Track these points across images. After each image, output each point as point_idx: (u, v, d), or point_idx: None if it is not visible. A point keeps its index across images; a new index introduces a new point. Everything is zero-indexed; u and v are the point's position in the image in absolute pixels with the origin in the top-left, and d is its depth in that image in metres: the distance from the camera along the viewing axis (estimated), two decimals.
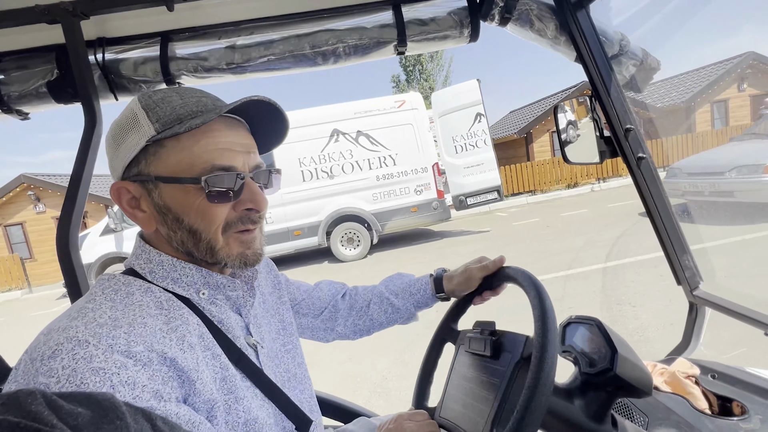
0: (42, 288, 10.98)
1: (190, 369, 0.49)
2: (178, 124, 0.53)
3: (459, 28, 1.00)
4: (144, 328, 0.48)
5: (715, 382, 0.81)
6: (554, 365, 0.54)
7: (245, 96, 0.55)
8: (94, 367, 0.41)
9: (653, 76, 0.99)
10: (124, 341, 0.45)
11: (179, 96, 0.55)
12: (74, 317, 0.46)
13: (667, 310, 3.11)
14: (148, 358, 0.46)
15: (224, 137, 0.55)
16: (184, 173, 0.53)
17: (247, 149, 0.58)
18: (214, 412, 0.51)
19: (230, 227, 0.57)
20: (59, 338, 0.43)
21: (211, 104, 0.56)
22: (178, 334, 0.51)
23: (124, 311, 0.49)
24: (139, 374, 0.44)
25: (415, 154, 7.27)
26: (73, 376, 0.40)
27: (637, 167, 0.95)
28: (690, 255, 0.99)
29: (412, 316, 0.90)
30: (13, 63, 0.95)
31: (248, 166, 0.57)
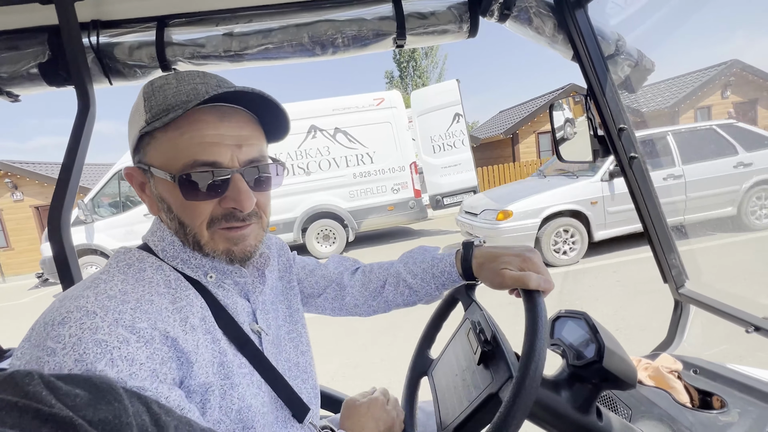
0: (17, 278, 10.83)
1: (190, 351, 0.50)
2: (165, 115, 0.52)
3: (458, 23, 1.00)
4: (150, 306, 0.49)
5: (696, 377, 0.84)
6: (527, 409, 0.50)
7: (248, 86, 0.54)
8: (97, 339, 0.42)
9: (647, 77, 1.01)
10: (130, 317, 0.46)
11: (177, 83, 0.54)
12: (88, 287, 0.48)
13: (616, 316, 3.15)
14: (150, 336, 0.47)
15: (212, 129, 0.53)
16: (169, 167, 0.53)
17: (238, 142, 0.55)
18: (209, 395, 0.52)
19: (215, 223, 0.56)
20: (70, 306, 0.44)
21: (204, 91, 0.54)
22: (182, 315, 0.52)
23: (134, 286, 0.51)
24: (139, 351, 0.45)
25: (393, 152, 7.27)
26: (78, 345, 0.41)
27: (629, 166, 0.96)
28: (677, 254, 1.01)
29: (434, 297, 0.79)
30: (2, 43, 0.93)
31: (238, 160, 0.55)
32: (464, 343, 0.71)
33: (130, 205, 7.15)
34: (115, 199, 7.26)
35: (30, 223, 11.76)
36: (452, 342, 0.76)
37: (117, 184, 7.04)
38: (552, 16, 0.96)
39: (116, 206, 7.22)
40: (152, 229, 0.60)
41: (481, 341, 0.64)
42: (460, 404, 0.63)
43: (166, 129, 0.52)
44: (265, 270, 0.68)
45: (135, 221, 6.86)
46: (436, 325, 0.82)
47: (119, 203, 7.19)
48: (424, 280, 0.77)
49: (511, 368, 0.58)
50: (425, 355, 0.82)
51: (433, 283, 0.76)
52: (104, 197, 7.27)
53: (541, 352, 0.52)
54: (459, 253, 0.74)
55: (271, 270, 0.74)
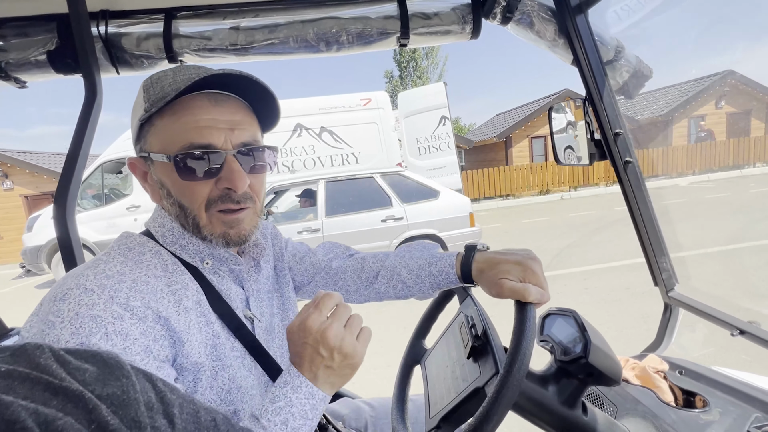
0: (4, 267, 10.76)
1: (181, 330, 0.52)
2: (161, 102, 0.54)
3: (461, 24, 1.02)
4: (146, 286, 0.51)
5: (681, 377, 0.86)
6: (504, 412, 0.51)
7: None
8: (93, 314, 0.45)
9: (645, 83, 1.03)
10: (125, 295, 0.49)
11: (173, 74, 0.57)
12: (89, 267, 0.51)
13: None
14: (143, 314, 0.49)
15: (206, 114, 0.55)
16: (166, 150, 0.56)
17: (231, 126, 0.57)
18: (200, 375, 0.54)
19: (212, 205, 0.58)
20: (71, 284, 0.47)
21: (199, 81, 0.55)
22: (176, 297, 0.54)
23: (132, 268, 0.53)
24: (133, 327, 0.47)
25: (378, 153, 7.21)
26: (75, 319, 0.44)
27: (623, 170, 0.99)
28: (668, 258, 1.04)
29: (427, 295, 0.78)
30: (12, 30, 0.94)
31: (231, 143, 0.57)
32: (456, 337, 0.73)
33: (113, 197, 7.08)
34: (99, 192, 7.20)
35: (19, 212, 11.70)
36: (446, 334, 0.78)
37: (100, 176, 6.96)
38: (553, 20, 0.98)
39: (99, 198, 7.14)
40: (154, 215, 0.63)
41: (472, 336, 0.66)
42: (449, 395, 0.65)
43: (162, 115, 0.55)
44: (261, 260, 0.69)
45: (118, 214, 6.76)
46: (431, 317, 0.84)
47: (102, 195, 7.12)
48: (419, 277, 0.75)
49: (498, 364, 0.59)
50: (419, 344, 0.84)
51: (428, 282, 0.74)
52: (88, 189, 7.19)
53: (526, 352, 0.53)
54: (460, 255, 0.72)
55: (266, 260, 0.75)
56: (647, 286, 3.57)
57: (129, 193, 7.02)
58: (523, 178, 13.19)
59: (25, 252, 6.97)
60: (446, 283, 0.73)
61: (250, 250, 0.68)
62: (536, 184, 13.22)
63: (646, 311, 3.30)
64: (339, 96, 7.24)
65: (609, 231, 6.70)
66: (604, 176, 13.52)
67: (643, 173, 1.00)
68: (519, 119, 14.74)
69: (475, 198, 13.08)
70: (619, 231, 6.49)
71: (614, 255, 5.08)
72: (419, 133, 7.74)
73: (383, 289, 0.79)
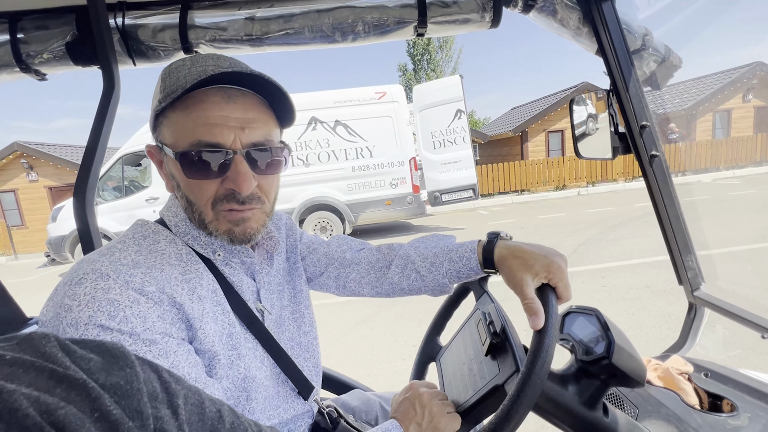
0: (30, 255, 11.17)
1: (194, 318, 0.53)
2: (174, 94, 0.53)
3: (481, 12, 0.99)
4: (160, 273, 0.52)
5: (707, 380, 0.83)
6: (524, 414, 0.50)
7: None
8: (110, 298, 0.46)
9: (674, 74, 0.98)
10: (140, 280, 0.49)
11: (191, 64, 0.56)
12: (104, 254, 0.51)
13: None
14: (159, 298, 0.50)
15: (218, 110, 0.54)
16: (175, 146, 0.55)
17: (242, 124, 0.55)
18: (214, 363, 0.55)
19: (218, 203, 0.57)
20: (87, 269, 0.48)
21: (212, 73, 0.54)
22: (190, 285, 0.54)
23: (147, 256, 0.53)
24: (150, 310, 0.48)
25: (393, 147, 7.21)
26: (92, 303, 0.45)
27: (649, 165, 0.95)
28: (694, 256, 0.99)
29: (443, 288, 0.74)
30: (32, 22, 0.95)
31: (241, 142, 0.55)
32: (473, 333, 0.72)
33: (132, 189, 7.28)
34: (119, 184, 7.39)
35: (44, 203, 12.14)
36: (462, 331, 0.77)
37: (121, 168, 7.15)
38: (578, 7, 0.94)
39: (119, 190, 7.35)
40: (168, 204, 0.63)
41: (490, 333, 0.64)
42: (466, 392, 0.63)
43: (175, 109, 0.54)
44: (274, 254, 0.69)
45: (137, 206, 6.98)
46: (446, 313, 0.83)
47: (122, 187, 7.32)
48: (434, 265, 0.72)
49: (518, 362, 0.58)
50: (434, 341, 0.83)
51: (444, 268, 0.71)
52: (109, 181, 7.41)
53: (549, 349, 0.52)
54: (481, 242, 0.70)
55: (279, 252, 0.75)
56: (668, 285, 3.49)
57: (148, 185, 7.19)
58: (539, 173, 12.96)
59: (49, 241, 7.23)
60: (466, 269, 0.70)
61: (264, 242, 0.68)
62: (552, 179, 12.98)
63: (668, 310, 3.21)
64: (354, 89, 7.23)
65: (628, 228, 6.53)
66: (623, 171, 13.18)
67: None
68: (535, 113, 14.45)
69: (489, 193, 12.93)
70: (639, 228, 6.32)
71: (633, 252, 4.95)
72: (434, 127, 7.66)
73: (396, 279, 0.76)
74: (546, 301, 0.58)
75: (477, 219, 9.41)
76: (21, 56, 0.96)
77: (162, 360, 0.47)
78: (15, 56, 0.95)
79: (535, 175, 12.96)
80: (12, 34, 0.94)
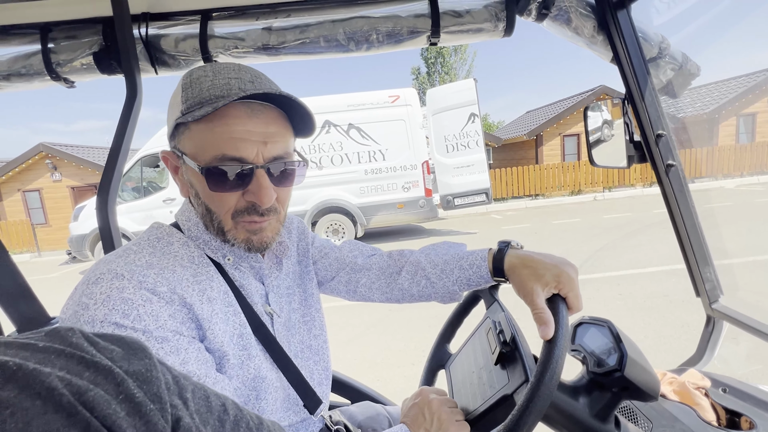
0: (52, 253, 11.54)
1: (204, 319, 0.54)
2: (198, 108, 0.55)
3: (494, 21, 0.99)
4: (172, 274, 0.54)
5: (725, 396, 0.81)
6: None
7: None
8: (124, 297, 0.48)
9: (691, 81, 0.96)
10: (153, 280, 0.51)
11: (213, 75, 0.56)
12: (120, 255, 0.54)
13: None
14: (170, 298, 0.52)
15: (241, 125, 0.55)
16: (198, 158, 0.56)
17: (265, 138, 0.56)
18: (224, 362, 0.56)
19: (239, 214, 0.59)
20: (103, 269, 0.50)
21: (237, 89, 0.55)
22: (200, 287, 0.56)
23: (160, 258, 0.56)
24: (162, 309, 0.50)
25: (406, 150, 7.22)
26: (107, 301, 0.47)
27: (665, 174, 0.93)
28: (712, 267, 0.97)
29: (452, 295, 0.74)
30: (63, 33, 1.00)
31: (263, 156, 0.57)
32: (483, 342, 0.72)
33: (151, 190, 7.48)
34: (138, 184, 7.61)
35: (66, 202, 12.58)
36: (471, 339, 0.77)
37: (140, 169, 7.35)
38: (592, 16, 0.93)
39: (138, 191, 7.57)
40: (182, 209, 0.65)
41: (500, 342, 0.64)
42: (474, 401, 0.64)
43: (198, 121, 0.55)
44: (283, 258, 0.71)
45: (154, 206, 7.16)
46: (456, 321, 0.83)
47: (141, 188, 7.54)
48: (444, 272, 0.73)
49: (527, 372, 0.57)
50: (444, 348, 0.83)
51: (455, 276, 0.72)
52: (128, 182, 7.64)
53: (559, 359, 0.52)
54: (492, 250, 0.71)
55: (289, 256, 0.76)
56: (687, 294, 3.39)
57: (165, 186, 7.37)
58: (554, 178, 12.79)
59: (71, 240, 7.46)
60: (476, 277, 0.70)
61: (274, 247, 0.69)
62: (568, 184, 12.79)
63: (687, 320, 3.12)
64: (367, 93, 7.27)
65: (646, 234, 6.38)
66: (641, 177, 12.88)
67: (686, 175, 0.94)
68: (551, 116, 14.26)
69: (503, 197, 12.81)
70: (657, 235, 6.16)
71: (651, 260, 4.84)
72: (447, 131, 7.65)
73: (406, 285, 0.77)
74: (556, 311, 0.58)
75: (490, 223, 9.34)
76: (51, 65, 1.01)
77: (173, 356, 0.49)
78: (46, 65, 1.00)
79: (549, 179, 12.80)
80: (43, 44, 0.99)
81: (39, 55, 1.00)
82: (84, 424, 0.23)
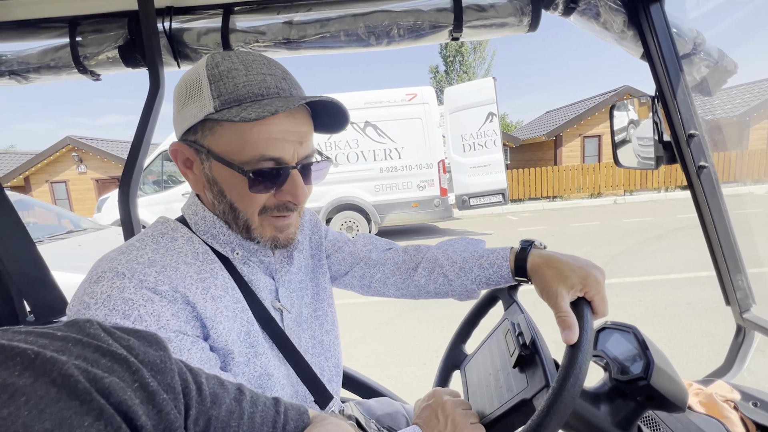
0: None
1: (207, 318, 0.53)
2: (236, 105, 0.52)
3: (518, 15, 0.97)
4: (175, 272, 0.53)
5: (756, 410, 0.77)
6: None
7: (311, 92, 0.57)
8: (124, 297, 0.47)
9: (727, 79, 0.92)
10: (154, 279, 0.50)
11: (245, 70, 0.54)
12: (122, 251, 0.53)
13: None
14: (173, 297, 0.51)
15: (279, 125, 0.54)
16: (234, 157, 0.54)
17: (299, 138, 0.56)
18: (229, 361, 0.55)
19: (267, 211, 0.59)
20: (105, 267, 0.50)
21: (275, 86, 0.54)
22: (204, 285, 0.55)
23: (164, 255, 0.55)
24: (164, 309, 0.49)
25: (422, 149, 7.15)
26: (108, 301, 0.47)
27: (696, 176, 0.89)
28: (745, 275, 0.93)
29: (470, 294, 0.72)
30: (90, 26, 1.02)
31: (297, 156, 0.57)
32: (501, 344, 0.70)
33: (170, 184, 7.64)
34: (158, 178, 7.80)
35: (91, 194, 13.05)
36: (489, 340, 0.75)
37: (161, 163, 7.51)
38: (622, 10, 0.89)
39: (159, 184, 7.76)
40: (188, 203, 0.64)
41: (519, 344, 0.62)
42: (491, 404, 0.62)
43: (233, 118, 0.53)
44: (293, 252, 0.70)
45: (174, 199, 7.31)
46: (473, 321, 0.81)
47: (161, 182, 7.72)
48: (462, 270, 0.71)
49: (548, 377, 0.56)
50: (459, 349, 0.81)
51: (473, 274, 0.70)
52: (149, 175, 7.84)
53: (582, 365, 0.50)
54: (514, 249, 0.68)
55: (301, 250, 0.75)
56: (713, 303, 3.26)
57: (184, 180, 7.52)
58: (573, 179, 12.51)
59: None
60: (497, 277, 0.68)
61: None
62: (587, 186, 12.50)
63: (711, 330, 3.01)
64: (384, 91, 7.25)
65: (669, 240, 6.18)
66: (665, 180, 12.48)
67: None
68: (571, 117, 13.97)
69: (519, 198, 12.62)
70: (681, 240, 5.96)
71: (674, 266, 4.68)
72: (464, 130, 7.57)
73: (423, 282, 0.75)
74: (581, 314, 0.56)
75: (506, 224, 9.22)
76: (79, 58, 1.03)
77: (176, 357, 0.48)
78: (74, 58, 1.02)
79: (568, 181, 12.53)
80: (72, 38, 1.02)
81: (67, 48, 1.03)
82: (97, 412, 0.23)
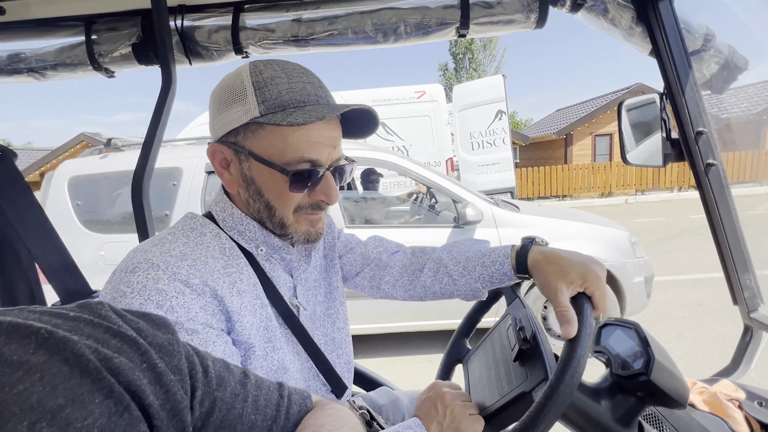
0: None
1: (233, 311, 0.56)
2: (281, 111, 0.56)
3: (526, 12, 0.97)
4: (204, 266, 0.55)
5: (761, 409, 0.76)
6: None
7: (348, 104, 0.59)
8: (159, 287, 0.50)
9: (738, 77, 0.91)
10: (186, 272, 0.53)
11: (287, 77, 0.58)
12: (156, 244, 0.56)
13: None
14: (202, 290, 0.53)
15: (317, 130, 0.58)
16: (276, 158, 0.58)
17: (333, 142, 0.61)
18: (249, 354, 0.58)
19: (301, 209, 0.62)
20: (140, 258, 0.52)
21: (314, 94, 0.58)
22: (231, 279, 0.58)
23: (194, 249, 0.57)
24: (193, 302, 0.52)
25: (430, 146, 7.05)
26: (143, 291, 0.49)
27: (704, 174, 0.88)
28: (753, 274, 0.92)
29: (475, 293, 0.74)
30: (105, 24, 1.05)
31: (331, 159, 0.61)
32: (503, 338, 0.71)
33: None
34: None
35: None
36: (491, 335, 0.76)
37: None
38: (631, 6, 0.89)
39: None
40: (216, 199, 0.67)
41: (520, 339, 0.63)
42: (491, 396, 0.63)
43: (277, 123, 0.56)
44: (312, 252, 0.72)
45: None
46: (476, 316, 0.82)
47: None
48: (466, 269, 0.72)
49: (547, 370, 0.56)
50: (462, 343, 0.83)
51: (478, 273, 0.71)
52: None
53: (580, 358, 0.50)
54: (515, 246, 0.70)
55: (317, 250, 0.78)
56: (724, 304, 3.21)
57: None
58: (584, 179, 12.38)
59: None
60: (499, 275, 0.70)
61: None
62: (598, 186, 12.36)
63: (721, 331, 2.96)
64: (393, 88, 7.21)
65: (680, 240, 6.09)
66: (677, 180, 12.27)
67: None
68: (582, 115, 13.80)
69: (528, 197, 12.52)
70: (693, 241, 5.86)
71: (685, 267, 4.61)
72: (473, 128, 7.52)
73: (429, 282, 0.77)
74: (580, 310, 0.56)
75: None
76: (94, 56, 1.06)
77: (201, 349, 0.50)
78: (89, 56, 1.05)
79: (578, 180, 12.41)
80: (87, 36, 1.04)
81: (83, 46, 1.05)
82: (107, 390, 0.24)
